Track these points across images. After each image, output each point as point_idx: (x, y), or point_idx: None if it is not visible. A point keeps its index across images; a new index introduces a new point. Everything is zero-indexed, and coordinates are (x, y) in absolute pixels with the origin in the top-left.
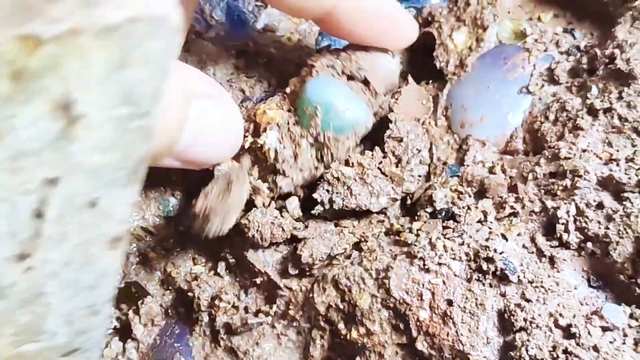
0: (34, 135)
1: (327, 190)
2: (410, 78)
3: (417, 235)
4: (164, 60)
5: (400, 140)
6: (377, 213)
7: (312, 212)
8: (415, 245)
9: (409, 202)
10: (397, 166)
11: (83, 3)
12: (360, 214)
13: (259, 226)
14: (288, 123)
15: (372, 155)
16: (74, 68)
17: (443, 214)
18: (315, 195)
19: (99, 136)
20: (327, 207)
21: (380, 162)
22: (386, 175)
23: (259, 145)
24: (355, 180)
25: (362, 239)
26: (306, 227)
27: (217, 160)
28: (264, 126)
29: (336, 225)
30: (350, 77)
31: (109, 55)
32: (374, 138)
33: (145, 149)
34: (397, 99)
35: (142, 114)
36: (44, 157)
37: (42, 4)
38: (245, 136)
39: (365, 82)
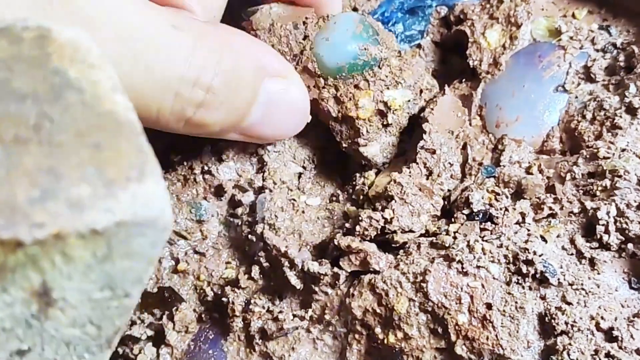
0: (6, 316)
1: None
2: (447, 88)
3: (455, 237)
4: (151, 252)
5: (433, 152)
6: None
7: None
8: (453, 248)
9: (445, 203)
10: (427, 178)
11: (70, 207)
12: None
13: None
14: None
15: (410, 172)
16: (55, 262)
17: (480, 215)
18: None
19: (75, 314)
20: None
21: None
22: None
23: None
24: (396, 201)
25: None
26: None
27: (280, 137)
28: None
29: None
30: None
31: (93, 252)
32: (405, 148)
33: (122, 323)
34: (432, 109)
35: (123, 296)
36: (15, 333)
37: (27, 207)
38: None
39: None
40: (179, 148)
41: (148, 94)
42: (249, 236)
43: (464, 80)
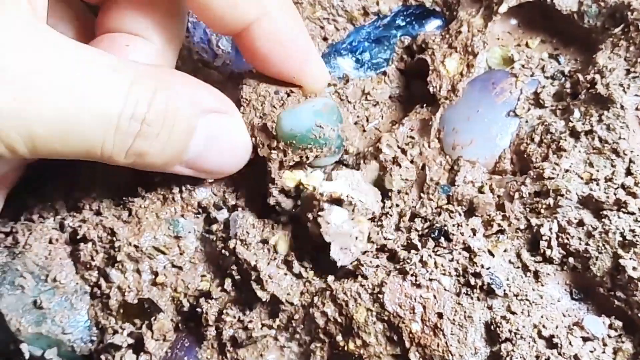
0: None
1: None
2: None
3: (409, 251)
4: None
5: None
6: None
7: None
8: (408, 261)
9: (401, 222)
10: None
11: None
12: None
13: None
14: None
15: None
16: None
17: (436, 232)
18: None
19: None
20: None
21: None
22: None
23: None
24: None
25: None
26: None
27: (225, 171)
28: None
29: None
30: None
31: None
32: None
33: None
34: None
35: None
36: None
37: None
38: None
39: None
40: None
41: (93, 130)
42: (223, 251)
43: (425, 105)
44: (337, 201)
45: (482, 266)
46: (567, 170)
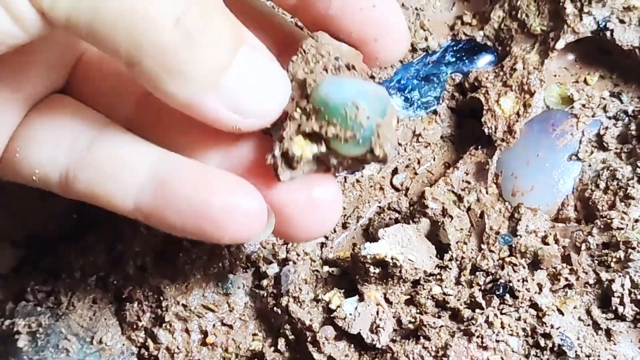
0: None
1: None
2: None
3: (474, 310)
4: None
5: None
6: (427, 281)
7: None
8: (473, 322)
9: (462, 275)
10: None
11: None
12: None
13: None
14: None
15: None
16: None
17: (501, 289)
18: None
19: None
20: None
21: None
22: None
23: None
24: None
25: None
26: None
27: (269, 110)
28: None
29: (388, 301)
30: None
31: None
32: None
33: None
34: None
35: None
36: None
37: None
38: None
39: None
40: None
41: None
42: (275, 308)
43: (479, 147)
44: (382, 263)
45: (552, 326)
46: (637, 220)
